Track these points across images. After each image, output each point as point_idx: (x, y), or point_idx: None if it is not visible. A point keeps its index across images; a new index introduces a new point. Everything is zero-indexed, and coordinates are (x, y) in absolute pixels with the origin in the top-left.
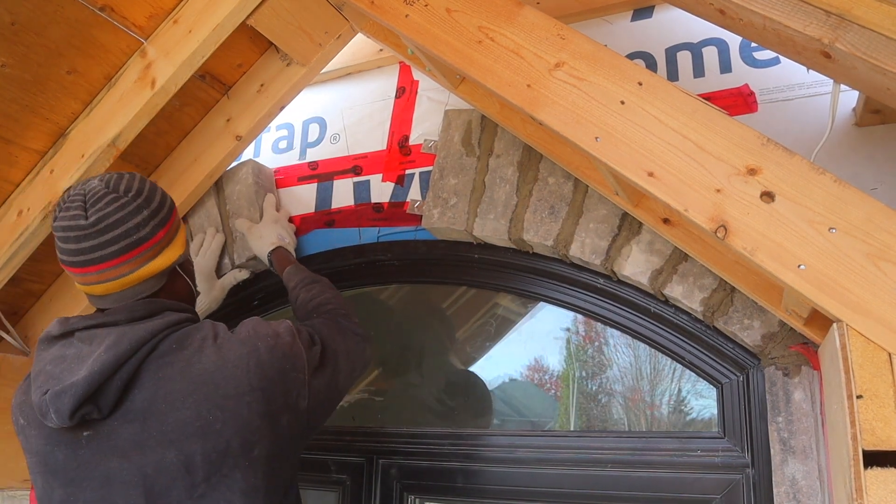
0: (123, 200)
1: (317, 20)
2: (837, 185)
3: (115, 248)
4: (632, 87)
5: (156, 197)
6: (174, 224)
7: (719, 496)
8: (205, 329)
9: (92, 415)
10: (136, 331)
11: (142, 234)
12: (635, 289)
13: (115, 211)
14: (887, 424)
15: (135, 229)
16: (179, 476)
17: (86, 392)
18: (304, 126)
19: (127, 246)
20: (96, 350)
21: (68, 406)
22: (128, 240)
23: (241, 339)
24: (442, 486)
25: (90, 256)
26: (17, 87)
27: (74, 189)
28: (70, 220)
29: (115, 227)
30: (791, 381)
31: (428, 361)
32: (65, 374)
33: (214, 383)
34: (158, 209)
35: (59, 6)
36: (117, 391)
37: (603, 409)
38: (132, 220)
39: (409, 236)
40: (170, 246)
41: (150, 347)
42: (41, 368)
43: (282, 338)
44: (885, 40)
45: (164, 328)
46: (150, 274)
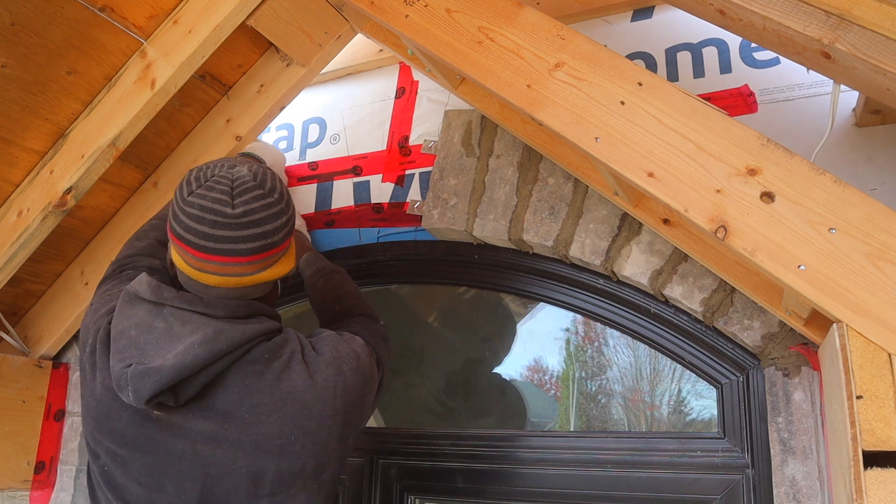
0: (269, 200)
1: (317, 20)
2: (837, 186)
3: (250, 247)
4: (632, 88)
5: (290, 202)
6: (291, 233)
7: (719, 496)
8: (293, 343)
9: (168, 402)
10: (234, 331)
11: (276, 238)
12: (635, 289)
13: (261, 209)
14: (887, 425)
15: (273, 232)
16: (243, 486)
17: (169, 381)
18: (304, 126)
19: (262, 247)
20: (189, 337)
21: (148, 391)
22: (264, 241)
23: (328, 361)
24: (442, 486)
25: (221, 246)
26: (18, 87)
27: (216, 168)
28: (214, 202)
29: (257, 225)
30: (791, 381)
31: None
32: (151, 350)
33: (302, 403)
34: (291, 216)
35: (59, 6)
36: (199, 386)
37: (603, 410)
38: (273, 223)
39: (409, 237)
40: (289, 254)
41: (244, 351)
42: (124, 329)
43: (362, 360)
44: (885, 41)
45: (259, 334)
46: (266, 279)
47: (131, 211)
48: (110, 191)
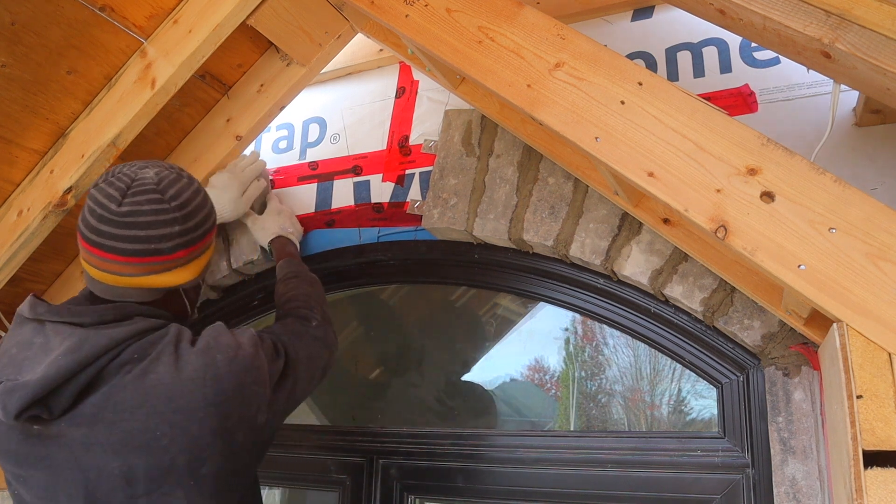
0: (163, 206)
1: (317, 20)
2: (837, 185)
3: (128, 247)
4: (632, 87)
5: (197, 216)
6: (200, 248)
7: (719, 496)
8: (168, 336)
9: (42, 415)
10: (98, 337)
11: (161, 246)
12: (635, 289)
13: (149, 213)
14: (887, 424)
15: (157, 239)
16: (119, 487)
17: (34, 395)
18: (304, 126)
19: (141, 251)
20: (57, 349)
21: (15, 406)
22: (145, 245)
23: (200, 350)
24: (442, 486)
25: (103, 241)
26: (18, 87)
27: (132, 167)
28: (105, 197)
29: (139, 228)
30: (791, 381)
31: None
32: (27, 366)
33: (167, 396)
34: (192, 229)
35: (59, 6)
36: (71, 396)
37: (603, 409)
38: (159, 230)
39: (409, 236)
40: (185, 267)
41: (112, 356)
42: (7, 348)
43: (243, 349)
44: (886, 40)
45: (128, 337)
46: (151, 285)
47: None
48: None
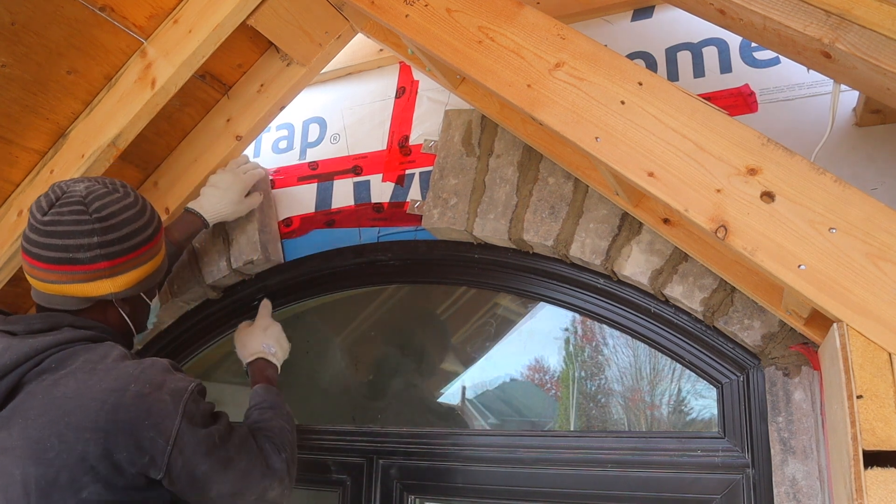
0: (83, 217)
1: (317, 20)
2: (837, 185)
3: (48, 255)
4: (632, 87)
5: (121, 229)
6: (127, 262)
7: (719, 496)
8: (98, 351)
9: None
10: (22, 346)
11: (79, 255)
12: (635, 289)
13: (68, 223)
14: (887, 424)
15: (75, 248)
16: (20, 494)
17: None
18: (304, 126)
19: (59, 259)
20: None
21: None
22: (62, 254)
23: (119, 375)
24: (442, 486)
25: (30, 248)
26: (18, 87)
27: (70, 181)
28: (36, 207)
29: (58, 237)
30: (791, 381)
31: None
32: None
33: (65, 410)
34: (112, 242)
35: (59, 6)
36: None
37: (603, 410)
38: (77, 240)
39: (410, 236)
40: (109, 280)
41: (33, 364)
42: None
43: (161, 393)
44: (886, 40)
45: (49, 346)
46: (74, 294)
47: None
48: None
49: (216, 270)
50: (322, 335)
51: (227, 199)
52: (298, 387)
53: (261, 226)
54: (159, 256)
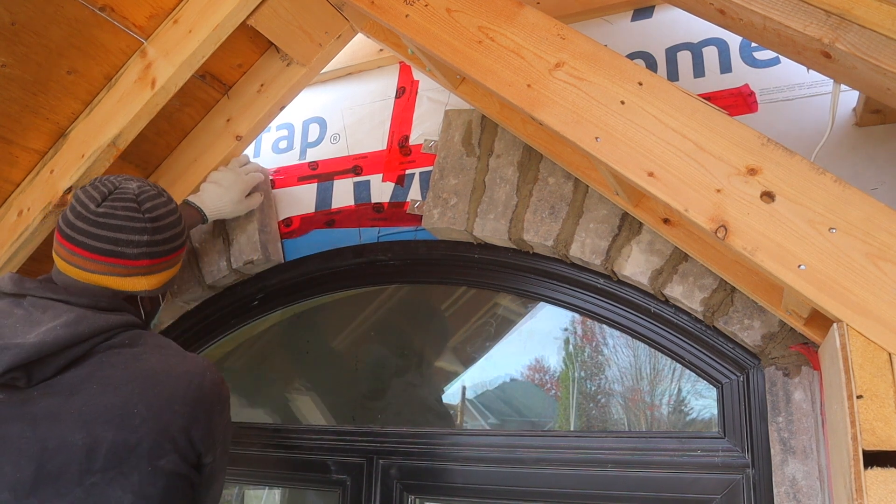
0: (136, 215)
1: (317, 20)
2: (837, 185)
3: (97, 245)
4: (632, 87)
5: (166, 232)
6: (164, 263)
7: (719, 496)
8: (157, 337)
9: (18, 382)
10: (97, 318)
11: (127, 251)
12: (635, 289)
13: (122, 218)
14: (887, 424)
15: (124, 243)
16: (77, 460)
17: (29, 357)
18: (305, 126)
19: (108, 251)
20: (51, 322)
21: (3, 365)
22: (112, 247)
23: (194, 361)
24: (442, 486)
25: (75, 235)
26: (18, 87)
27: (119, 178)
28: (87, 198)
29: (110, 230)
30: (791, 381)
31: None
32: (8, 332)
33: (154, 381)
34: (159, 242)
35: (59, 6)
36: (57, 368)
37: (603, 410)
38: (128, 235)
39: (410, 236)
40: (145, 277)
41: (105, 337)
42: None
43: (224, 388)
44: (886, 40)
45: (122, 324)
46: (108, 285)
47: None
48: None
49: (216, 270)
50: (322, 335)
51: (228, 197)
52: (298, 387)
53: (261, 225)
54: (182, 259)
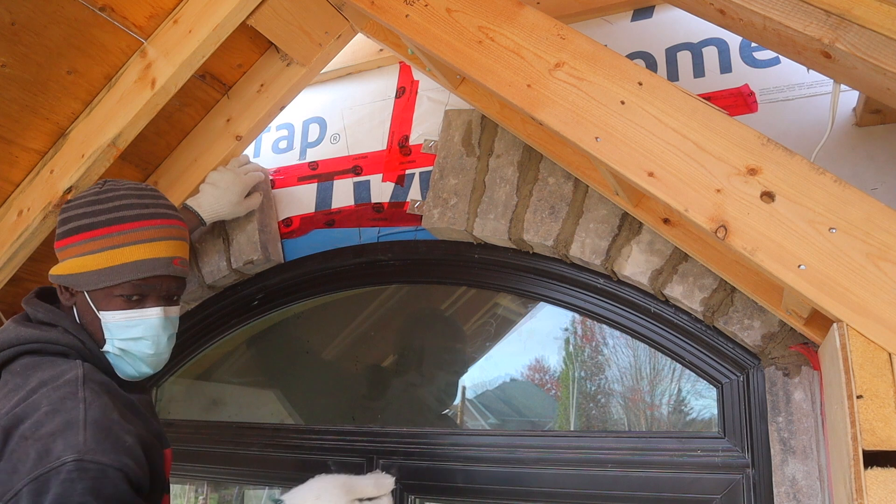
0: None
1: (317, 20)
2: (838, 185)
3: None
4: (632, 87)
5: (67, 212)
6: (67, 245)
7: (719, 496)
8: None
9: None
10: (9, 332)
11: (56, 232)
12: (635, 289)
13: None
14: (887, 424)
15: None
16: None
17: None
18: (304, 126)
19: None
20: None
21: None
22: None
23: (44, 452)
24: (442, 486)
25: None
26: (18, 87)
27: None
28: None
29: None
30: (791, 381)
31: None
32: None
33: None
34: (62, 223)
35: (59, 6)
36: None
37: (603, 409)
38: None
39: (410, 236)
40: (61, 262)
41: (9, 356)
42: None
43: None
44: (886, 40)
45: (29, 341)
46: (49, 273)
47: None
48: None
49: (216, 270)
50: (322, 335)
51: (226, 199)
52: (298, 387)
53: (261, 225)
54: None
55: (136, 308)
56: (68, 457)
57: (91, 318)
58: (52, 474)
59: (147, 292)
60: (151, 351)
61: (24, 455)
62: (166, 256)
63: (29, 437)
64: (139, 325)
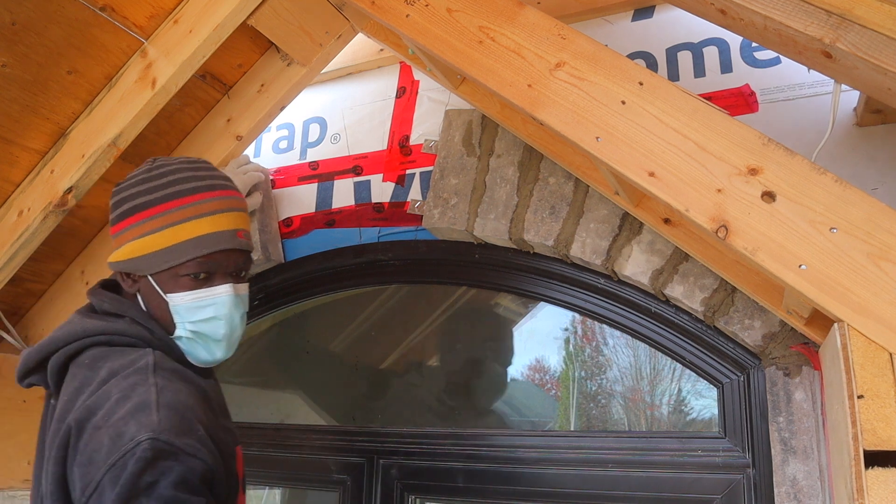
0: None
1: (317, 20)
2: (838, 185)
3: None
4: (633, 87)
5: (117, 194)
6: (118, 230)
7: (720, 496)
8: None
9: (47, 387)
10: (75, 324)
11: (110, 217)
12: (636, 289)
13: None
14: (888, 424)
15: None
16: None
17: (27, 363)
18: (305, 126)
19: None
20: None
21: (18, 367)
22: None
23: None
24: (442, 486)
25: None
26: (18, 87)
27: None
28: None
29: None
30: (792, 381)
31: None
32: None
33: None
34: (115, 206)
35: (59, 6)
36: (52, 375)
37: (603, 409)
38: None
39: (410, 236)
40: (120, 248)
41: (75, 350)
42: None
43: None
44: (886, 40)
45: (97, 332)
46: (108, 261)
47: None
48: (111, 190)
49: None
50: (322, 335)
51: None
52: (299, 387)
53: (261, 226)
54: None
55: (205, 287)
56: (142, 436)
57: (158, 302)
58: (128, 457)
59: (214, 269)
60: (225, 331)
61: (98, 444)
62: (230, 229)
63: (101, 427)
64: (210, 304)
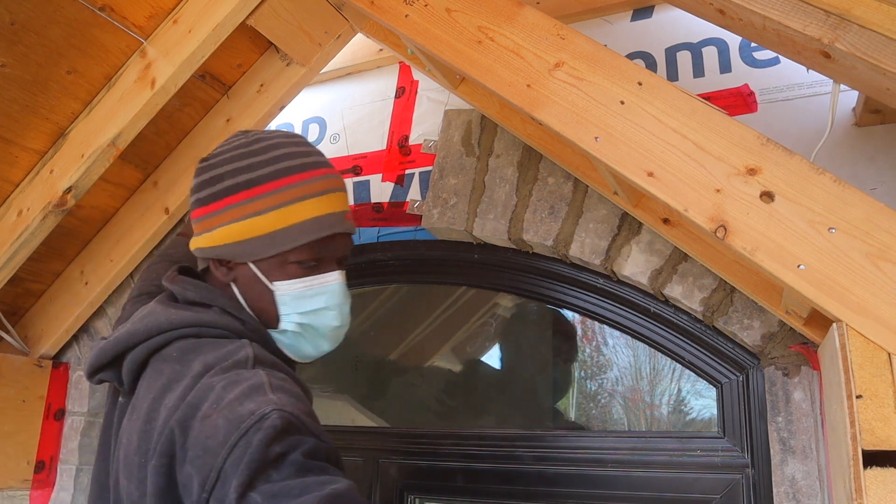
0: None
1: (317, 20)
2: (837, 185)
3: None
4: (631, 87)
5: (216, 169)
6: (205, 215)
7: (719, 496)
8: (237, 356)
9: (120, 384)
10: (159, 315)
11: (196, 196)
12: (635, 289)
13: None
14: (887, 424)
15: (195, 189)
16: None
17: (100, 359)
18: (304, 126)
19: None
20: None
21: (88, 363)
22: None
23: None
24: (442, 486)
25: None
26: (18, 87)
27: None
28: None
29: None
30: (791, 381)
31: None
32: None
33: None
34: (198, 187)
35: (59, 6)
36: (130, 372)
37: (603, 409)
38: (198, 178)
39: (409, 236)
40: (212, 231)
41: (160, 343)
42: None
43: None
44: (885, 40)
45: (185, 324)
46: (192, 246)
47: (131, 210)
48: (110, 190)
49: None
50: None
51: None
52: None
53: None
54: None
55: (315, 274)
56: (266, 409)
57: (259, 292)
58: (252, 432)
59: (325, 255)
60: (337, 323)
61: (211, 430)
62: (341, 211)
63: (211, 414)
64: (321, 293)
